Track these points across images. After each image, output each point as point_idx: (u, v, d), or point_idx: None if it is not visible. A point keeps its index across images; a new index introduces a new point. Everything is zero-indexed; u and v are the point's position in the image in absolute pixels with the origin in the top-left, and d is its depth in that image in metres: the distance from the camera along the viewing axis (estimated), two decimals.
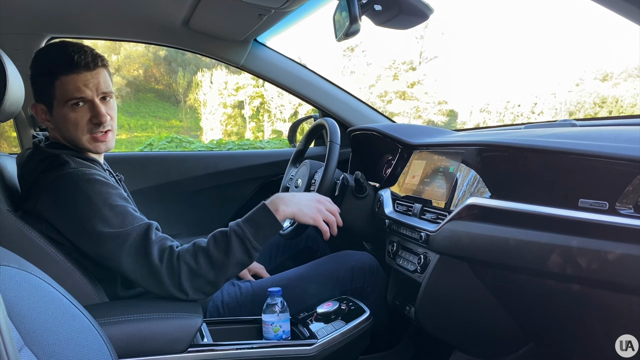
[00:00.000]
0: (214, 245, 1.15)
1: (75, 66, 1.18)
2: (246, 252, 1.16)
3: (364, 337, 1.31)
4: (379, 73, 18.79)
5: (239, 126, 18.20)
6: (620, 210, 0.82)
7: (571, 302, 0.96)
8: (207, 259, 1.14)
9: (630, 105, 15.95)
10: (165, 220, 1.34)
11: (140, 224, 1.15)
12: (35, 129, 1.99)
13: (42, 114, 1.24)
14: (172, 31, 1.90)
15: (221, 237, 1.17)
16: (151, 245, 1.12)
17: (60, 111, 1.21)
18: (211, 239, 1.17)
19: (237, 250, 1.15)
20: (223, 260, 1.14)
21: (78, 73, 1.19)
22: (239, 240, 1.16)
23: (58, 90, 1.19)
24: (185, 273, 1.12)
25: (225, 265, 1.14)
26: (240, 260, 1.16)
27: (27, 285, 0.72)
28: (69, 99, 1.19)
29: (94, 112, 1.21)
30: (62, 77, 1.18)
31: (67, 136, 1.24)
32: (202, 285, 1.14)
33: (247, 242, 1.16)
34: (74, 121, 1.21)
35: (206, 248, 1.15)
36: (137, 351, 1.04)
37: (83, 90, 1.19)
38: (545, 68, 20.40)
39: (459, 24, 24.59)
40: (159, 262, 1.11)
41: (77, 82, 1.19)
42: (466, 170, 1.21)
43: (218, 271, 1.14)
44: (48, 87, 1.20)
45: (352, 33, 1.07)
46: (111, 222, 1.12)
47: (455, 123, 17.89)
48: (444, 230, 1.18)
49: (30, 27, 1.80)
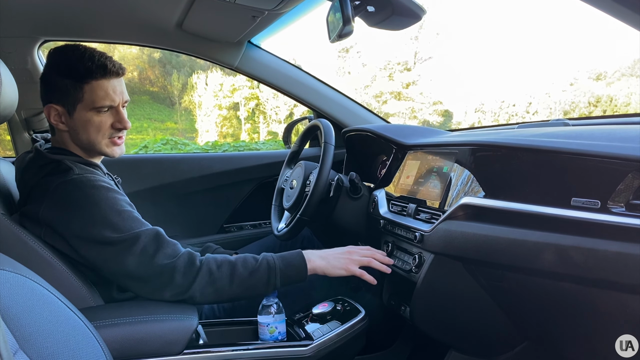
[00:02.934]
0: (242, 263, 1.19)
1: (108, 72, 1.21)
2: (267, 283, 1.19)
3: (359, 337, 1.31)
4: (374, 74, 18.83)
5: (235, 128, 18.19)
6: (612, 208, 0.82)
7: (565, 301, 0.97)
8: (230, 271, 1.16)
9: (624, 104, 16.02)
10: (161, 223, 1.34)
11: (148, 228, 1.16)
12: (29, 132, 1.99)
13: (57, 116, 1.23)
14: (166, 33, 1.90)
15: (252, 260, 1.20)
16: (164, 247, 1.13)
17: (84, 114, 1.21)
18: (241, 257, 1.20)
19: (262, 276, 1.18)
20: (244, 278, 1.17)
21: (109, 79, 1.21)
22: (267, 269, 1.19)
23: (87, 94, 1.20)
24: (204, 276, 1.14)
25: (242, 283, 1.17)
26: (257, 285, 1.18)
27: (22, 289, 0.72)
28: (98, 104, 1.21)
29: (118, 117, 1.25)
30: (93, 82, 1.20)
31: (84, 139, 1.24)
32: (211, 292, 1.15)
33: (273, 274, 1.19)
34: (97, 125, 1.22)
35: (234, 262, 1.18)
36: (132, 354, 1.04)
37: (112, 97, 1.22)
38: (540, 68, 20.48)
39: (453, 25, 24.67)
40: (173, 262, 1.12)
41: (108, 88, 1.21)
42: (460, 170, 1.22)
43: (233, 285, 1.16)
44: (75, 90, 1.20)
45: (346, 34, 1.07)
46: (119, 227, 1.12)
47: (450, 123, 17.94)
48: (438, 230, 1.18)
49: (24, 31, 1.79)
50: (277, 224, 1.77)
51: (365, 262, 1.29)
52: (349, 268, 1.26)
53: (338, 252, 1.30)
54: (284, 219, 1.78)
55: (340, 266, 1.26)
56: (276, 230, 1.70)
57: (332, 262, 1.26)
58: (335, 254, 1.28)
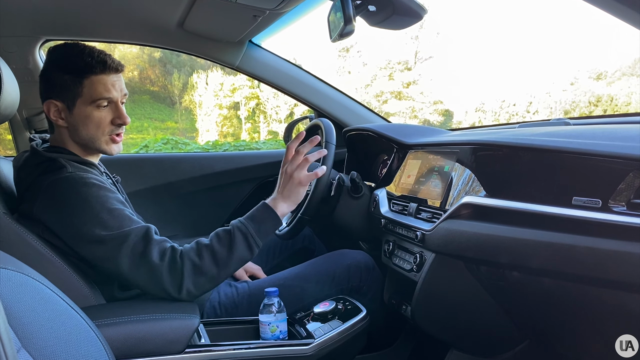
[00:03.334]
0: (217, 242, 1.19)
1: (108, 68, 1.22)
2: (248, 248, 1.20)
3: (360, 336, 1.32)
4: (375, 73, 18.81)
5: (235, 127, 18.18)
6: (613, 207, 0.82)
7: (565, 300, 0.97)
8: (210, 255, 1.17)
9: (625, 104, 16.00)
10: (161, 222, 1.34)
11: (138, 225, 1.16)
12: (30, 132, 1.99)
13: (56, 112, 1.24)
14: (167, 33, 1.90)
15: (224, 234, 1.21)
16: (152, 245, 1.13)
17: (84, 110, 1.22)
18: (214, 236, 1.21)
19: (240, 245, 1.19)
20: (226, 255, 1.18)
21: (108, 74, 1.23)
22: (242, 236, 1.20)
23: (87, 89, 1.21)
24: (189, 270, 1.14)
25: (228, 261, 1.18)
26: (242, 256, 1.19)
27: (24, 288, 0.72)
28: (97, 98, 1.22)
29: (117, 113, 1.26)
30: (92, 76, 1.21)
31: (84, 135, 1.24)
32: (204, 282, 1.16)
33: (250, 238, 1.20)
34: (97, 120, 1.23)
35: (210, 245, 1.18)
36: (134, 352, 1.04)
37: (111, 91, 1.23)
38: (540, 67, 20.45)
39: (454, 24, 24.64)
40: (160, 261, 1.12)
41: (107, 83, 1.23)
42: (461, 169, 1.22)
43: (221, 267, 1.17)
44: (74, 85, 1.21)
45: (347, 34, 1.07)
46: (109, 225, 1.13)
47: (450, 123, 17.92)
48: (439, 229, 1.19)
49: (25, 30, 1.80)
50: None
51: (312, 175, 1.30)
52: (302, 182, 1.28)
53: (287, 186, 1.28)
54: (285, 218, 1.78)
55: (300, 192, 1.28)
56: (277, 230, 1.70)
57: (292, 197, 1.28)
58: (288, 190, 1.28)
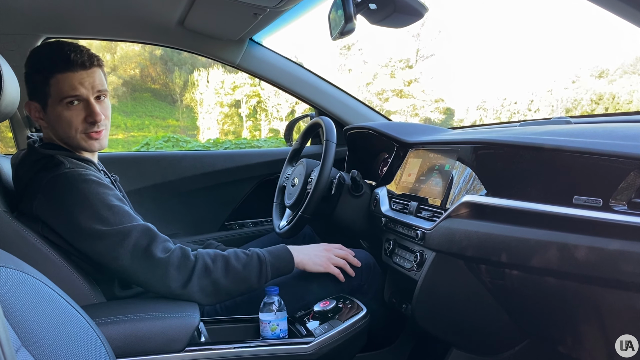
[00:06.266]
0: (234, 256, 1.22)
1: (72, 64, 1.19)
2: (259, 275, 1.23)
3: (361, 335, 1.31)
4: (376, 71, 18.81)
5: (236, 125, 18.19)
6: (614, 206, 0.82)
7: (566, 299, 0.97)
8: (224, 264, 1.19)
9: (626, 102, 15.99)
10: (162, 220, 1.35)
11: (139, 222, 1.16)
12: (31, 130, 1.99)
13: (35, 112, 1.24)
14: (168, 31, 1.90)
15: (242, 253, 1.25)
16: (156, 241, 1.14)
17: (55, 109, 1.21)
18: (232, 252, 1.24)
19: (254, 269, 1.23)
20: (239, 271, 1.20)
21: (74, 71, 1.19)
22: (258, 262, 1.24)
23: (53, 88, 1.19)
24: (200, 269, 1.16)
25: (237, 277, 1.20)
26: (251, 279, 1.22)
27: (24, 286, 0.72)
28: (64, 97, 1.19)
29: (89, 110, 1.22)
30: (57, 75, 1.18)
31: (61, 134, 1.24)
32: (207, 285, 1.16)
33: (264, 267, 1.24)
34: (68, 119, 1.21)
35: (227, 256, 1.21)
36: (134, 351, 1.04)
37: (78, 89, 1.20)
38: (542, 65, 20.44)
39: (455, 22, 24.61)
40: (166, 257, 1.13)
41: (73, 81, 1.19)
42: (462, 168, 1.22)
43: (229, 279, 1.19)
44: (43, 85, 1.20)
45: (347, 32, 1.07)
46: (108, 220, 1.13)
47: (452, 121, 17.93)
48: (440, 228, 1.18)
49: (25, 28, 1.80)
50: (279, 221, 1.77)
51: (341, 263, 1.39)
52: (328, 266, 1.37)
53: (317, 249, 1.39)
54: (286, 217, 1.78)
55: (320, 263, 1.36)
56: (277, 228, 1.70)
57: (313, 259, 1.36)
58: (315, 251, 1.38)
